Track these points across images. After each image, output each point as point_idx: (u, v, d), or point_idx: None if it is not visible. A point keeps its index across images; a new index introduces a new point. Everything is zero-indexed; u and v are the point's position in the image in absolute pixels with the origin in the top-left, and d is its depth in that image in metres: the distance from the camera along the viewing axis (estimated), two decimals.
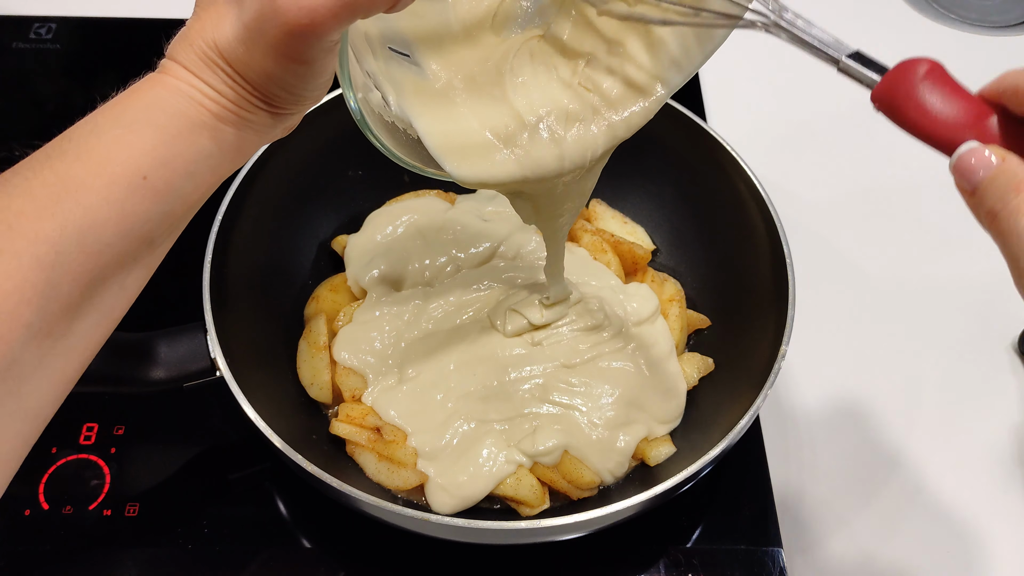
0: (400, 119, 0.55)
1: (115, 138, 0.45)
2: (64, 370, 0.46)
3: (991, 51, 1.15)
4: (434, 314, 0.78)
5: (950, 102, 0.45)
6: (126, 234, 0.45)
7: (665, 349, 0.78)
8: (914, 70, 0.45)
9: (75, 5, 1.15)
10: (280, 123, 0.52)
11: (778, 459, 0.79)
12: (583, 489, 0.71)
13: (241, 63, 0.47)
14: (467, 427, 0.72)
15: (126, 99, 0.47)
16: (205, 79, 0.47)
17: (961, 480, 0.79)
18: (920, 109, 0.45)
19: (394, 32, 0.54)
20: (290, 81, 0.47)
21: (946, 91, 0.45)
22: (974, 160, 0.44)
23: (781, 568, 0.71)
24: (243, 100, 0.48)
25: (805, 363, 0.84)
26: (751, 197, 0.77)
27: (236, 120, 0.49)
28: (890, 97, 0.45)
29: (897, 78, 0.45)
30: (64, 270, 0.43)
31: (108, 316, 0.47)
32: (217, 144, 0.48)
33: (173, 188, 0.47)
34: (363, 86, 0.53)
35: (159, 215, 0.47)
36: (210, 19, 0.47)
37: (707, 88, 1.08)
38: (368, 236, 0.84)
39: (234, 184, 0.75)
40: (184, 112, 0.47)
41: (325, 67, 0.47)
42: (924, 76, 0.45)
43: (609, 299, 0.79)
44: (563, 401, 0.73)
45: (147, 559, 0.71)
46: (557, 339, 0.76)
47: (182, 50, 0.48)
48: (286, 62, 0.46)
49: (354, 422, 0.72)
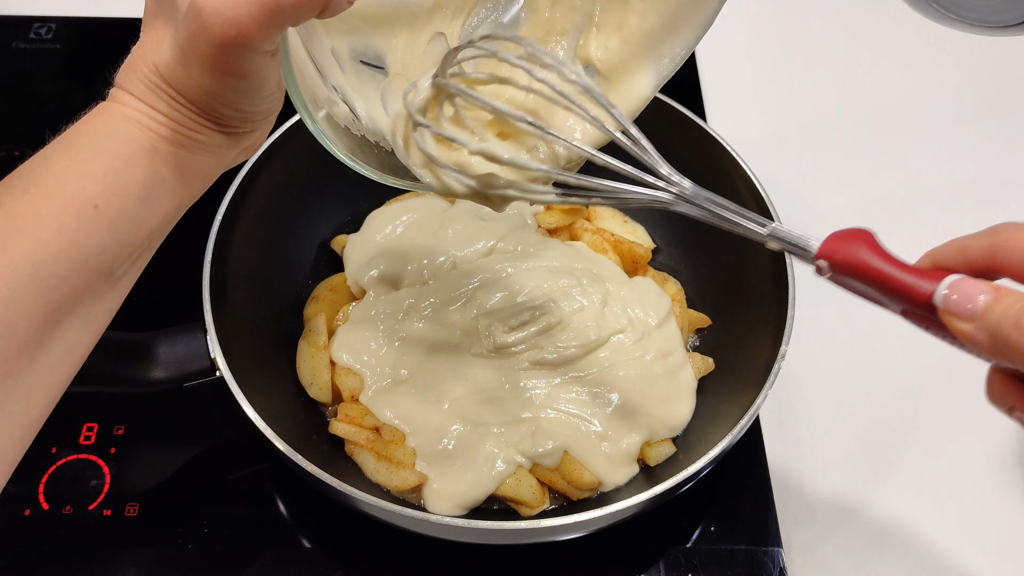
0: (372, 131, 0.53)
1: (63, 168, 0.45)
2: (28, 410, 0.44)
3: (991, 51, 1.15)
4: (425, 313, 0.78)
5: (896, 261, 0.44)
6: (81, 266, 0.44)
7: (680, 357, 0.77)
8: (856, 234, 0.45)
9: (75, 5, 1.15)
10: (237, 143, 0.51)
11: (778, 459, 0.79)
12: (583, 490, 0.71)
13: (181, 84, 0.46)
14: (464, 430, 0.71)
15: (75, 130, 0.47)
16: (151, 104, 0.47)
17: (961, 480, 0.79)
18: (885, 258, 0.44)
19: (365, 46, 0.53)
20: (231, 97, 0.47)
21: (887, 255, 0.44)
22: (968, 287, 0.41)
23: (781, 568, 0.71)
24: (190, 121, 0.47)
25: (805, 363, 0.84)
26: (751, 197, 0.77)
27: (188, 143, 0.48)
28: (849, 252, 0.44)
29: (847, 238, 0.45)
30: (19, 306, 0.42)
31: (73, 352, 0.46)
32: (171, 168, 0.48)
33: (127, 216, 0.46)
34: (327, 101, 0.51)
35: (115, 244, 0.46)
36: (151, 43, 0.47)
37: (707, 88, 1.08)
38: (368, 236, 0.84)
39: (234, 184, 0.75)
40: (133, 138, 0.46)
41: (266, 80, 0.46)
42: (865, 237, 0.45)
43: (628, 298, 0.78)
44: (566, 409, 0.73)
45: (147, 559, 0.71)
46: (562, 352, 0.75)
47: (127, 77, 0.47)
48: (222, 77, 0.45)
49: (353, 422, 0.72)
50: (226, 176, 0.75)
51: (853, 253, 0.44)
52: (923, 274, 0.43)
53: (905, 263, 0.44)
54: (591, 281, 0.79)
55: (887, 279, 0.43)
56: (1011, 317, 0.39)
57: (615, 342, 0.76)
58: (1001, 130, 1.07)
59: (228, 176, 0.76)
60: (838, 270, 0.44)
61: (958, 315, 0.41)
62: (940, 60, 1.14)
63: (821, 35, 1.16)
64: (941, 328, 0.42)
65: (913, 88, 1.11)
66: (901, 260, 0.44)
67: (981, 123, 1.07)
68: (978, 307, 0.40)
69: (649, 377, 0.74)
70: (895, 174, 1.02)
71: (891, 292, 0.43)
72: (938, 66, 1.13)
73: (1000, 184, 1.01)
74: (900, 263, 0.44)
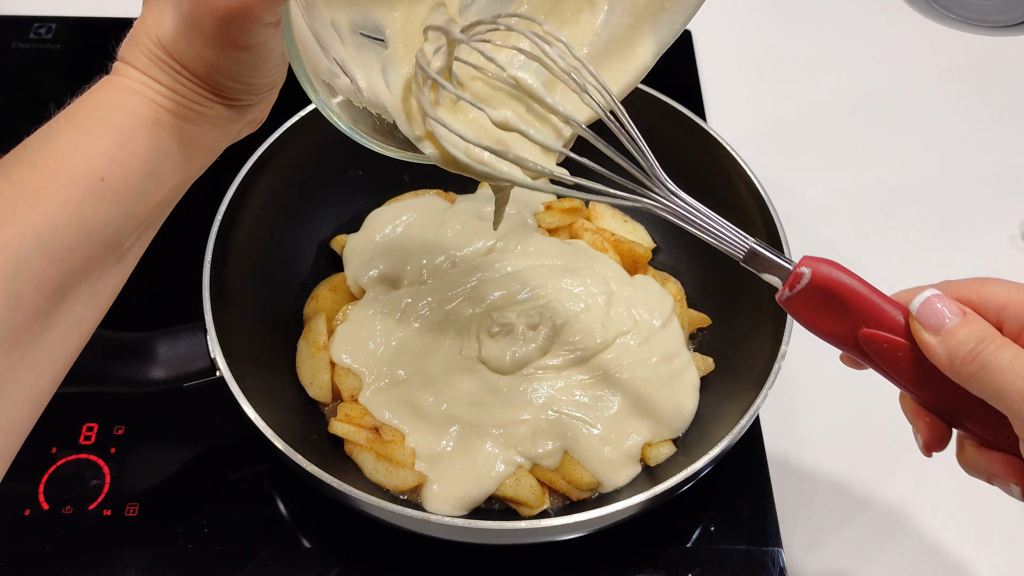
0: (373, 103, 0.53)
1: (69, 141, 0.45)
2: (37, 381, 0.45)
3: (991, 51, 1.15)
4: (422, 313, 0.78)
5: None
6: (88, 238, 0.44)
7: (685, 359, 0.77)
8: (829, 260, 0.48)
9: (75, 5, 1.15)
10: (241, 116, 0.51)
11: (778, 459, 0.79)
12: (583, 490, 0.71)
13: (185, 57, 0.46)
14: (462, 431, 0.71)
15: (79, 103, 0.47)
16: (155, 77, 0.47)
17: (962, 480, 0.79)
18: (861, 280, 0.48)
19: (365, 18, 0.53)
20: (235, 69, 0.47)
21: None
22: (940, 305, 0.45)
23: (781, 568, 0.71)
24: (194, 94, 0.47)
25: (805, 363, 0.84)
26: (751, 197, 0.77)
27: (192, 115, 0.48)
28: (828, 268, 0.47)
29: (822, 260, 0.48)
30: (26, 278, 0.42)
31: (80, 324, 0.46)
32: (176, 141, 0.48)
33: (133, 189, 0.46)
34: (329, 73, 0.51)
35: (121, 217, 0.46)
36: (153, 16, 0.47)
37: (707, 88, 1.08)
38: (368, 235, 0.84)
39: (234, 184, 0.75)
40: (137, 111, 0.46)
41: (269, 52, 0.47)
42: (837, 264, 0.48)
43: (632, 298, 0.78)
44: (568, 412, 0.72)
45: (147, 559, 0.71)
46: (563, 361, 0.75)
47: (131, 51, 0.48)
48: (226, 50, 0.45)
49: (353, 421, 0.72)
50: (226, 176, 0.75)
51: (831, 268, 0.47)
52: (891, 299, 0.48)
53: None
54: (595, 280, 0.79)
55: (861, 292, 0.47)
56: (968, 344, 0.43)
57: (620, 344, 0.76)
58: (1001, 130, 1.07)
59: (228, 176, 0.76)
60: (817, 281, 0.47)
61: (926, 326, 0.45)
62: (940, 60, 1.14)
63: (821, 35, 1.16)
64: (890, 354, 0.47)
65: (913, 88, 1.11)
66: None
67: (981, 123, 1.07)
68: (944, 325, 0.44)
69: (654, 380, 0.74)
70: (895, 173, 1.02)
71: (864, 304, 0.47)
72: (938, 66, 1.13)
73: (1000, 183, 1.01)
74: (872, 286, 0.48)
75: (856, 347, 0.48)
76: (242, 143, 0.53)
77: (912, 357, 0.47)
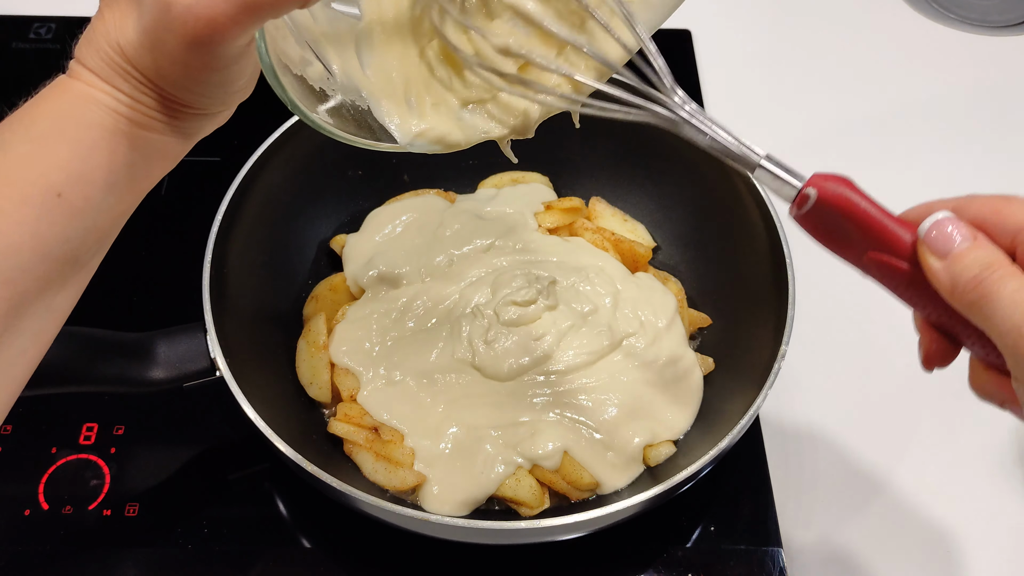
0: (347, 88, 0.50)
1: (23, 155, 0.42)
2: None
3: (991, 51, 1.15)
4: (417, 312, 0.78)
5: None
6: (45, 256, 0.42)
7: (690, 360, 0.76)
8: (839, 176, 0.46)
9: (75, 5, 1.14)
10: (209, 123, 0.48)
11: (778, 459, 0.79)
12: (583, 490, 0.71)
13: (151, 71, 0.43)
14: (460, 432, 0.71)
15: (34, 109, 0.44)
16: (116, 85, 0.44)
17: (961, 480, 0.79)
18: (869, 199, 0.45)
19: None
20: (206, 87, 0.44)
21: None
22: (951, 228, 0.42)
23: (781, 568, 0.71)
24: (159, 105, 0.44)
25: (805, 363, 0.84)
26: (751, 197, 0.77)
27: (156, 125, 0.45)
28: (837, 186, 0.45)
29: (832, 177, 0.46)
30: None
31: (37, 340, 0.44)
32: (138, 152, 0.45)
33: (93, 203, 0.43)
34: (301, 61, 0.48)
35: (80, 232, 0.43)
36: (113, 19, 0.44)
37: (707, 88, 1.08)
38: (367, 235, 0.84)
39: (234, 184, 0.75)
40: (96, 122, 0.43)
41: (242, 69, 0.44)
42: (848, 180, 0.46)
43: (637, 298, 0.78)
44: (570, 415, 0.72)
45: (147, 559, 0.71)
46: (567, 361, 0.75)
47: (89, 54, 0.44)
48: (195, 72, 0.42)
49: (352, 421, 0.72)
50: (226, 176, 0.75)
51: (840, 188, 0.45)
52: (902, 219, 0.45)
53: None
54: (601, 280, 0.79)
55: (870, 214, 0.45)
56: (973, 270, 0.41)
57: (627, 346, 0.76)
58: (1001, 130, 1.07)
59: (228, 176, 0.76)
60: (824, 202, 0.45)
61: (932, 250, 0.42)
62: (940, 60, 1.14)
63: (821, 35, 1.16)
64: (896, 277, 0.44)
65: (913, 88, 1.11)
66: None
67: (981, 123, 1.07)
68: (952, 250, 0.42)
69: (660, 383, 0.74)
70: (894, 173, 1.02)
71: (871, 227, 0.44)
72: (938, 66, 1.13)
73: (1000, 183, 1.01)
74: (881, 207, 0.45)
75: (870, 269, 0.46)
76: (242, 143, 0.52)
77: (919, 282, 0.44)
